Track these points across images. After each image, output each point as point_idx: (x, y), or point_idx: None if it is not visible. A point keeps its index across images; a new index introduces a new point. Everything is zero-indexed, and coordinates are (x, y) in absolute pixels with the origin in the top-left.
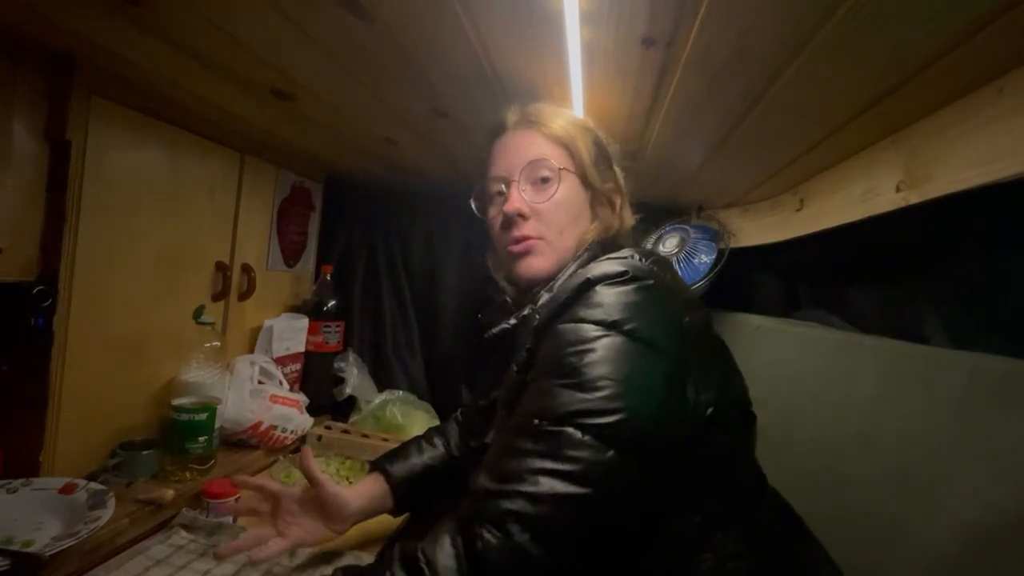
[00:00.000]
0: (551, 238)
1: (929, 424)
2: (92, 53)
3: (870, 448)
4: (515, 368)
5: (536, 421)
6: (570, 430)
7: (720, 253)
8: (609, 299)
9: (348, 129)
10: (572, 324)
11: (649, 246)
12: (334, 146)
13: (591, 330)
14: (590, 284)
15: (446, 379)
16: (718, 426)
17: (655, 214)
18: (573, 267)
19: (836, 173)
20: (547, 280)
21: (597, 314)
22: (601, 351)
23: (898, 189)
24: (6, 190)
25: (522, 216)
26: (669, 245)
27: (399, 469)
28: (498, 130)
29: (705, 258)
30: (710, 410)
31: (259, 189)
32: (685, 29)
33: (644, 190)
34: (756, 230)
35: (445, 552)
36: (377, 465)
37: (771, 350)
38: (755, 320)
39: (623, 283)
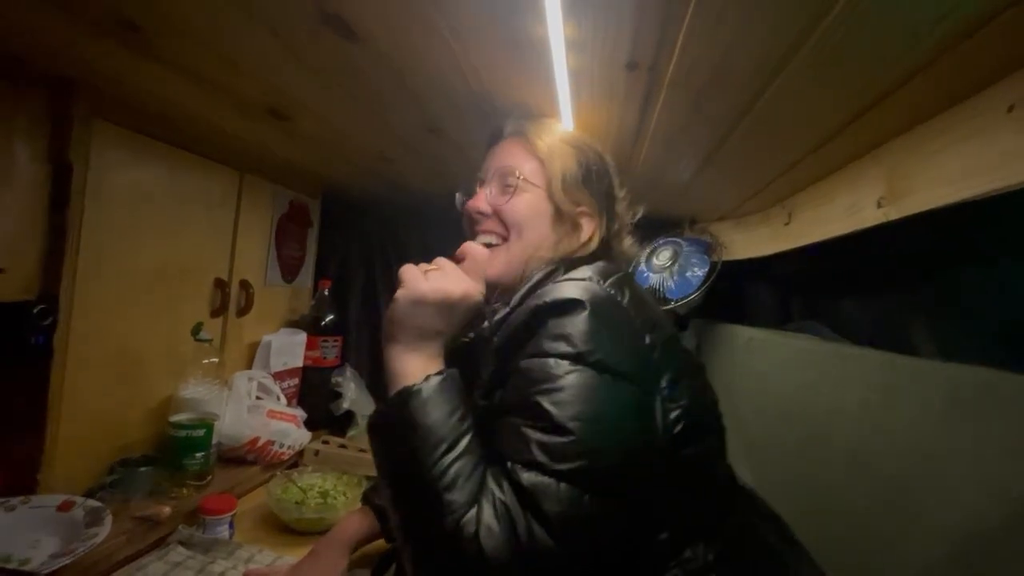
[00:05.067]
0: (507, 241)
1: (915, 434)
2: (94, 77)
3: (859, 457)
4: (477, 394)
5: (509, 465)
6: (542, 478)
7: (713, 265)
8: (571, 329)
9: (344, 147)
10: (538, 360)
11: (643, 259)
12: (330, 163)
13: (557, 365)
14: (547, 309)
15: None
16: (686, 442)
17: (648, 227)
18: (533, 281)
19: (821, 188)
20: (498, 288)
21: (561, 346)
22: (569, 389)
23: (879, 204)
24: (8, 211)
25: (481, 214)
26: (662, 258)
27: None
28: (495, 137)
29: (698, 271)
30: (679, 426)
31: (257, 206)
32: (666, 53)
33: (636, 203)
34: (748, 243)
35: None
36: (368, 498)
37: (763, 361)
38: (747, 332)
39: (583, 310)
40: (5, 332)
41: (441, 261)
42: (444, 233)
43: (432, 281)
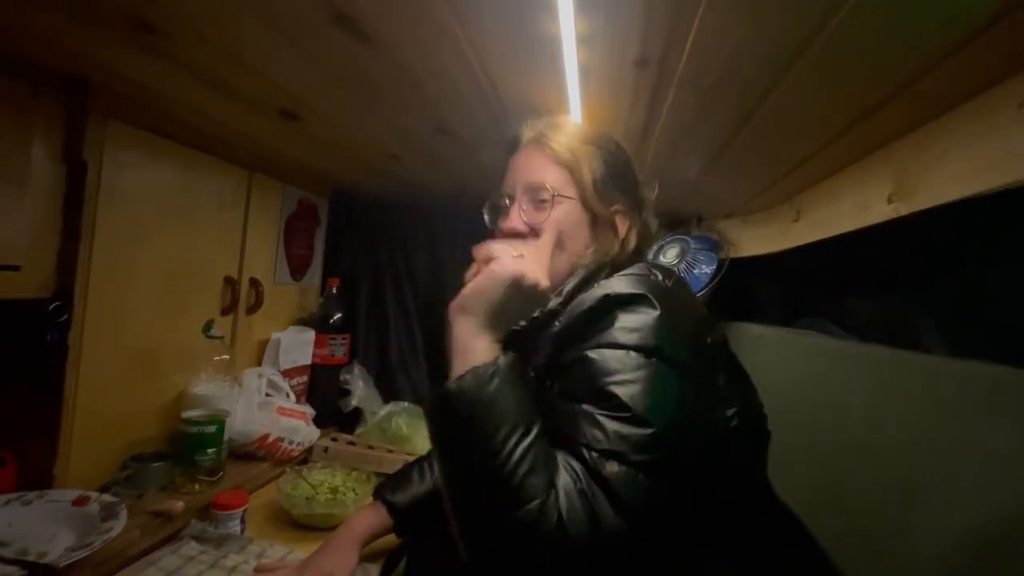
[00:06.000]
0: None
1: (925, 431)
2: (108, 78)
3: (868, 455)
4: (532, 374)
5: (584, 452)
6: (621, 467)
7: (720, 263)
8: (642, 323)
9: (352, 146)
10: (610, 350)
11: (650, 256)
12: (339, 162)
13: (631, 358)
14: (616, 300)
15: None
16: (736, 443)
17: None
18: (582, 276)
19: (830, 185)
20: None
21: (634, 339)
22: (644, 382)
23: (889, 201)
24: (25, 211)
25: (519, 234)
26: (670, 255)
27: (400, 498)
28: (514, 145)
29: (705, 268)
30: (734, 423)
31: (266, 205)
32: (676, 51)
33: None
34: (755, 240)
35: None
36: (379, 494)
37: (771, 359)
38: (755, 329)
39: (653, 306)
40: (21, 330)
41: (522, 248)
42: (451, 231)
43: (529, 265)
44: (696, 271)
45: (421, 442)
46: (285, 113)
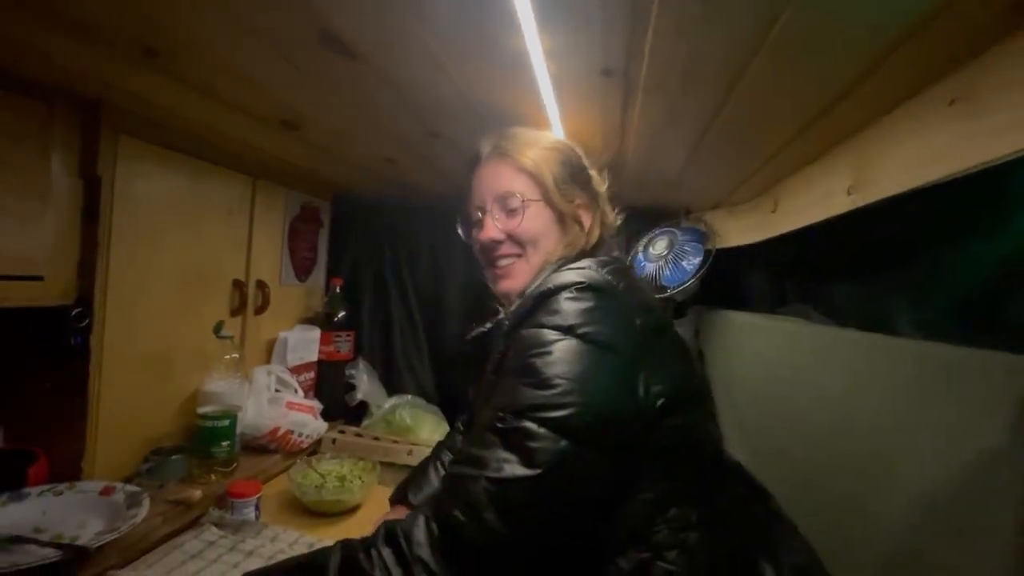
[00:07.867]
0: (525, 255)
1: (891, 409)
2: (119, 98)
3: (841, 434)
4: (490, 369)
5: (500, 414)
6: (528, 424)
7: (707, 254)
8: (566, 306)
9: (350, 152)
10: (534, 329)
11: (640, 249)
12: (338, 167)
13: (549, 334)
14: (551, 292)
15: (452, 382)
16: (670, 414)
17: (644, 218)
18: (544, 275)
19: (800, 177)
20: (521, 292)
21: (555, 320)
22: (557, 353)
23: (848, 192)
24: (46, 224)
25: (496, 241)
26: (659, 247)
27: (421, 499)
28: (475, 160)
29: (693, 259)
30: (661, 400)
31: (270, 209)
32: (637, 58)
33: (632, 195)
34: (740, 230)
35: (420, 528)
36: (400, 498)
37: (755, 345)
38: (741, 317)
39: (579, 291)
40: (47, 334)
41: None
42: (448, 228)
43: None
44: (684, 262)
45: (425, 433)
46: (286, 124)
